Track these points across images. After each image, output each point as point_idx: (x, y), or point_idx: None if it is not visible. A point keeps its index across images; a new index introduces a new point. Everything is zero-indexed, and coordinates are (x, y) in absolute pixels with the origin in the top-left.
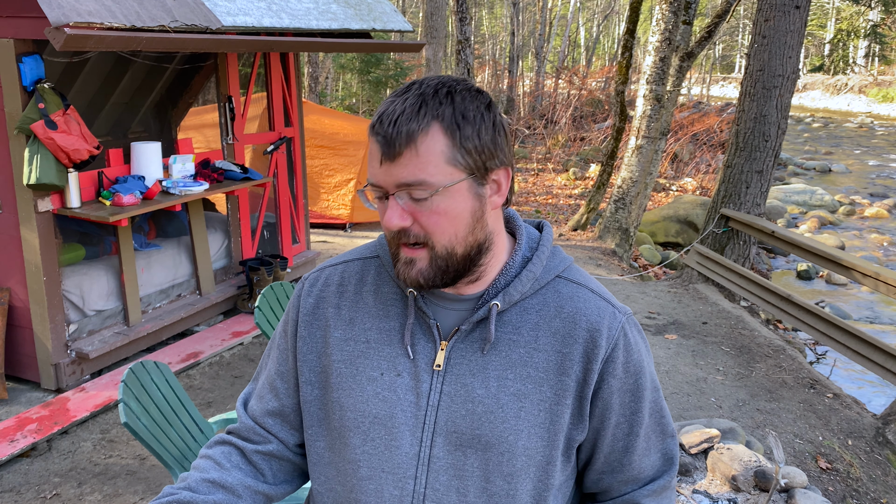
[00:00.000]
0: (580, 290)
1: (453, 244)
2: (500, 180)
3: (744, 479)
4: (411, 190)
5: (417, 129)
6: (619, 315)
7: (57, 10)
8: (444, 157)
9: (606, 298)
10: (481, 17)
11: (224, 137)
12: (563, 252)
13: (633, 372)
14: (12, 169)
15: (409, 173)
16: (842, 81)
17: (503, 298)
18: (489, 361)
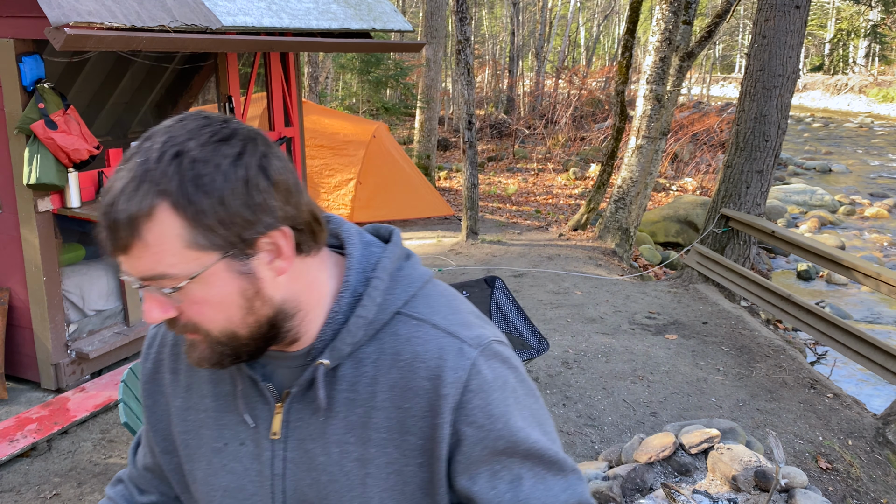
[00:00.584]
0: (420, 329)
1: (231, 329)
2: (277, 243)
3: (744, 479)
4: (155, 284)
5: (139, 214)
6: (469, 350)
7: (57, 9)
8: (181, 242)
9: (453, 332)
10: (481, 17)
11: None
12: (412, 272)
13: (499, 415)
14: (12, 169)
15: (145, 267)
16: (842, 81)
17: (331, 354)
18: (328, 425)
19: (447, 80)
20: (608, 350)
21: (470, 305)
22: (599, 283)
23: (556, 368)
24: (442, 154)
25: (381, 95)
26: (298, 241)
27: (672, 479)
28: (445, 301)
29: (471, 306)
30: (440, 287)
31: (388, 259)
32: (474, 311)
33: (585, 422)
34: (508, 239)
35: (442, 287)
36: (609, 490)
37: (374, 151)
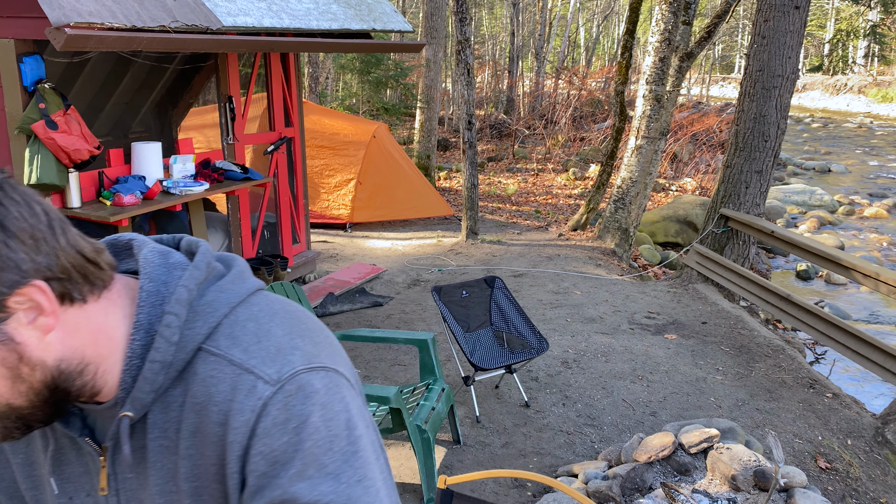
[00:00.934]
0: (217, 366)
1: (4, 402)
2: (34, 299)
3: (743, 478)
4: None
5: None
6: (263, 388)
7: (58, 10)
8: None
9: (250, 367)
10: (481, 17)
11: (224, 137)
12: (217, 297)
13: (282, 462)
14: (13, 169)
15: None
16: (841, 82)
17: (132, 405)
18: (148, 476)
19: (447, 80)
20: (608, 350)
21: (297, 324)
22: (599, 283)
23: (555, 368)
24: (442, 154)
25: (381, 96)
26: (63, 290)
27: (671, 479)
28: (254, 327)
29: (298, 325)
30: (255, 307)
31: (184, 288)
32: (298, 331)
33: (585, 421)
34: (508, 239)
35: (257, 308)
36: (609, 489)
37: (374, 152)
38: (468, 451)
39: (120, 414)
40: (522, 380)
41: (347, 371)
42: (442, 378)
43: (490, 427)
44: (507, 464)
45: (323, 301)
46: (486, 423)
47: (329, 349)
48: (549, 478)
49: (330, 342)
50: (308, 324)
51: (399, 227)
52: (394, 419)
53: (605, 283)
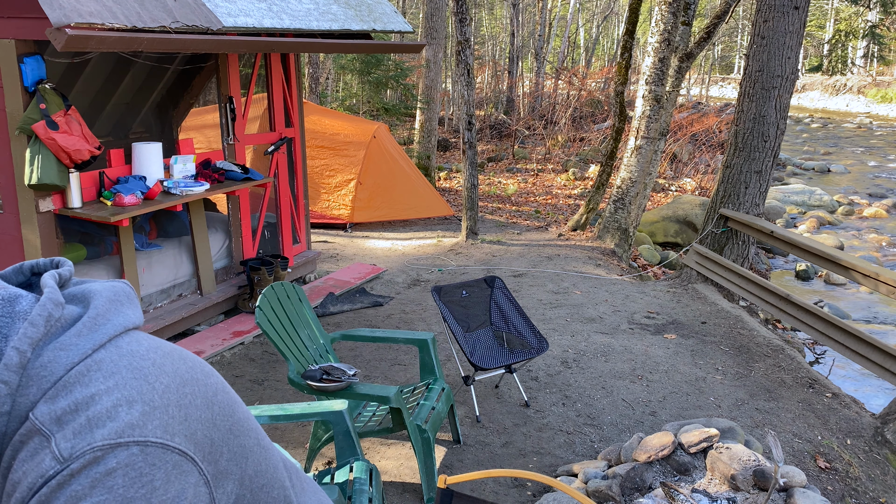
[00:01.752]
0: (31, 435)
1: None
2: None
3: (743, 478)
4: None
5: None
6: (49, 464)
7: (58, 10)
8: None
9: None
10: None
11: (225, 138)
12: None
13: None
14: (13, 169)
15: None
16: (840, 82)
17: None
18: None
19: (447, 80)
20: (607, 350)
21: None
22: (599, 283)
23: (555, 368)
24: (442, 154)
25: (381, 96)
26: None
27: (671, 479)
28: (80, 392)
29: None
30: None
31: (14, 350)
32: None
33: (585, 421)
34: (508, 239)
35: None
36: (608, 489)
37: (375, 152)
38: (468, 450)
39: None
40: (522, 379)
41: (193, 443)
42: (442, 378)
43: (490, 427)
44: (507, 463)
45: (323, 301)
46: (486, 422)
47: (179, 411)
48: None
49: (189, 400)
50: (162, 380)
51: (399, 228)
52: (394, 419)
53: (604, 283)
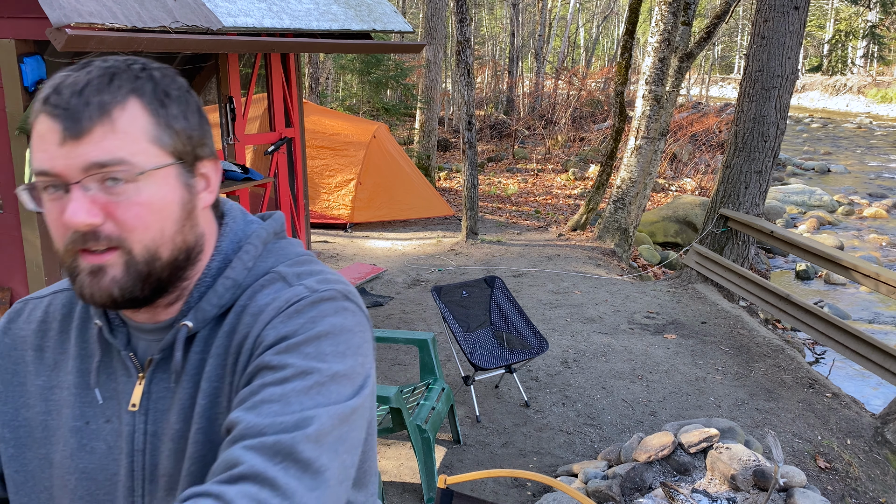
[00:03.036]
0: (272, 282)
1: (157, 245)
2: (209, 174)
3: (743, 478)
4: (107, 172)
5: (112, 101)
6: (302, 291)
7: (58, 10)
8: (147, 135)
9: (299, 283)
10: (481, 17)
11: (225, 138)
12: (293, 247)
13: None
14: (13, 169)
15: (103, 151)
16: (840, 82)
17: (195, 315)
18: (182, 393)
19: (447, 80)
20: (607, 350)
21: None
22: (599, 283)
23: (555, 368)
24: (442, 154)
25: (381, 96)
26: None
27: (671, 479)
28: (317, 268)
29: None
30: (321, 265)
31: (263, 230)
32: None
33: (585, 421)
34: (508, 239)
35: (322, 266)
36: (608, 489)
37: (375, 152)
38: (468, 450)
39: (180, 324)
40: (522, 379)
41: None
42: (442, 378)
43: (490, 427)
44: (507, 463)
45: None
46: (486, 422)
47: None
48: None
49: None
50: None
51: (399, 228)
52: (394, 419)
53: (604, 283)
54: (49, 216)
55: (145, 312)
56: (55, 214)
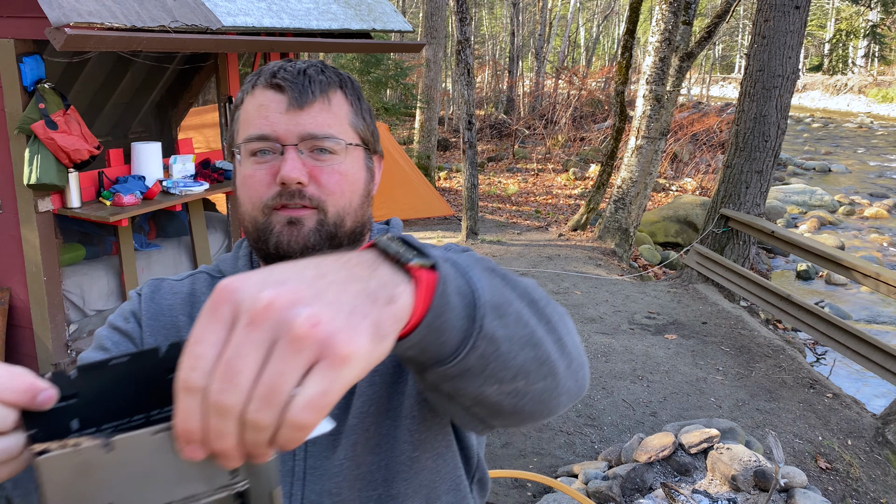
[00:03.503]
0: None
1: (346, 212)
2: (376, 170)
3: (743, 478)
4: (319, 143)
5: (329, 85)
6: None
7: (57, 10)
8: (348, 119)
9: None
10: (481, 17)
11: (224, 137)
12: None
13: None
14: (12, 169)
15: (318, 124)
16: (841, 82)
17: None
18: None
19: (447, 80)
20: (608, 350)
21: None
22: (599, 283)
23: None
24: (442, 154)
25: (381, 96)
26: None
27: (672, 479)
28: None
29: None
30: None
31: (398, 227)
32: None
33: (585, 421)
34: (508, 239)
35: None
36: (609, 490)
37: None
38: None
39: None
40: None
41: None
42: None
43: None
44: (507, 464)
45: None
46: None
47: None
48: (549, 478)
49: None
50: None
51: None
52: None
53: (605, 283)
54: (251, 177)
55: None
56: (261, 174)
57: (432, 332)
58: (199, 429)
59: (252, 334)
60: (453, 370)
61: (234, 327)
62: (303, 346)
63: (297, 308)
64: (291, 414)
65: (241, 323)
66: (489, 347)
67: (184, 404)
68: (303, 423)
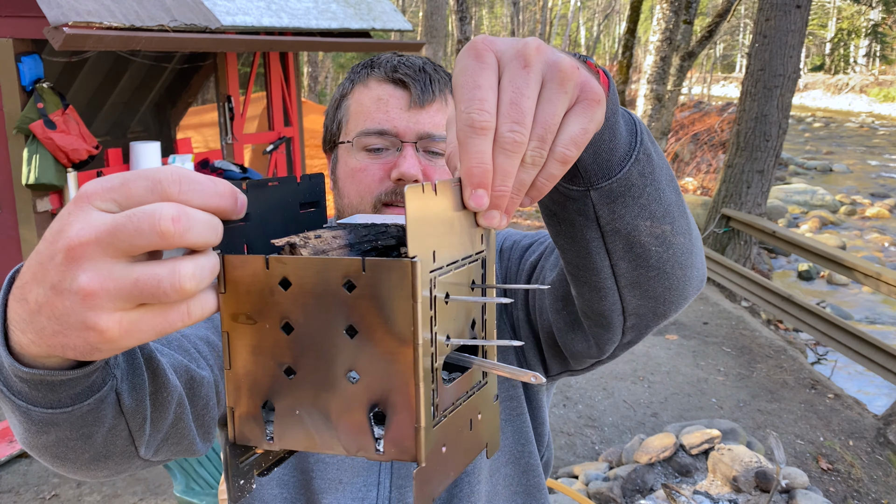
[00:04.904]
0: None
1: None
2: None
3: (745, 479)
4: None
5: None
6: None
7: (56, 9)
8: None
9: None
10: (481, 16)
11: (223, 137)
12: None
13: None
14: (11, 169)
15: (436, 124)
16: (843, 81)
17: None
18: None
19: None
20: None
21: None
22: None
23: None
24: None
25: None
26: None
27: (673, 480)
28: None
29: None
30: None
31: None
32: None
33: (586, 422)
34: None
35: None
36: (609, 491)
37: None
38: None
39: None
40: None
41: None
42: None
43: None
44: None
45: None
46: None
47: None
48: (550, 479)
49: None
50: None
51: None
52: None
53: None
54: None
55: None
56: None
57: (608, 130)
58: (489, 170)
59: (529, 75)
60: (618, 185)
61: (504, 71)
62: (570, 85)
63: (557, 53)
64: (559, 147)
65: (515, 66)
66: (647, 166)
67: (475, 146)
68: (568, 158)
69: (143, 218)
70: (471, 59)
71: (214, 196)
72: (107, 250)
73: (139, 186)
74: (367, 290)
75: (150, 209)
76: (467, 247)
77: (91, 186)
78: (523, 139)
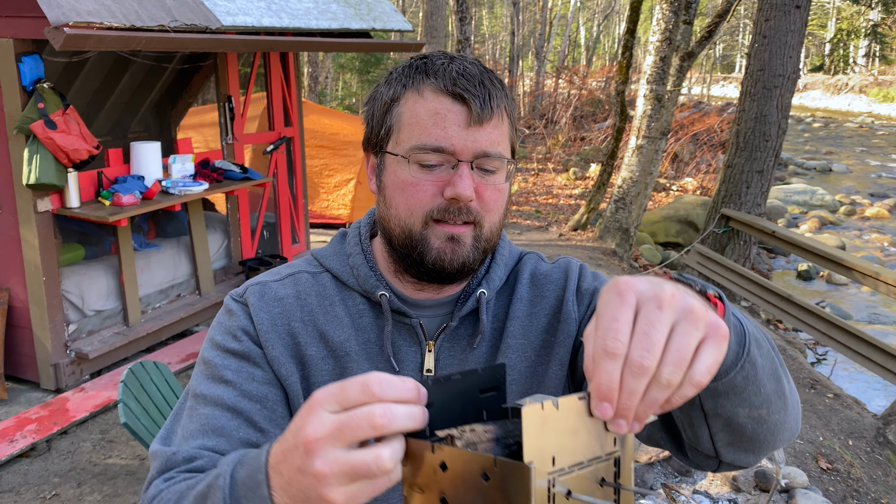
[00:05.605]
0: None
1: (496, 228)
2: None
3: (744, 479)
4: (487, 161)
5: (501, 98)
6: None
7: (56, 9)
8: (507, 135)
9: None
10: (481, 16)
11: (224, 137)
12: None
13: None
14: (12, 169)
15: (492, 142)
16: (842, 81)
17: (487, 286)
18: (480, 354)
19: None
20: None
21: None
22: None
23: None
24: None
25: None
26: None
27: (672, 480)
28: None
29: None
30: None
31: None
32: None
33: None
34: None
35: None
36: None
37: None
38: None
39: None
40: None
41: None
42: None
43: None
44: None
45: None
46: None
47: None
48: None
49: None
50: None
51: None
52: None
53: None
54: (415, 185)
55: (434, 290)
56: (427, 184)
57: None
58: (616, 388)
59: (663, 314)
60: (723, 386)
61: (641, 309)
62: (700, 324)
63: (689, 298)
64: (695, 374)
65: (651, 305)
66: (751, 371)
67: (605, 367)
68: (702, 382)
69: (362, 417)
70: (613, 295)
71: (404, 391)
72: (334, 443)
73: (354, 391)
74: (498, 482)
75: (368, 410)
76: (595, 449)
77: (320, 394)
78: (651, 364)
